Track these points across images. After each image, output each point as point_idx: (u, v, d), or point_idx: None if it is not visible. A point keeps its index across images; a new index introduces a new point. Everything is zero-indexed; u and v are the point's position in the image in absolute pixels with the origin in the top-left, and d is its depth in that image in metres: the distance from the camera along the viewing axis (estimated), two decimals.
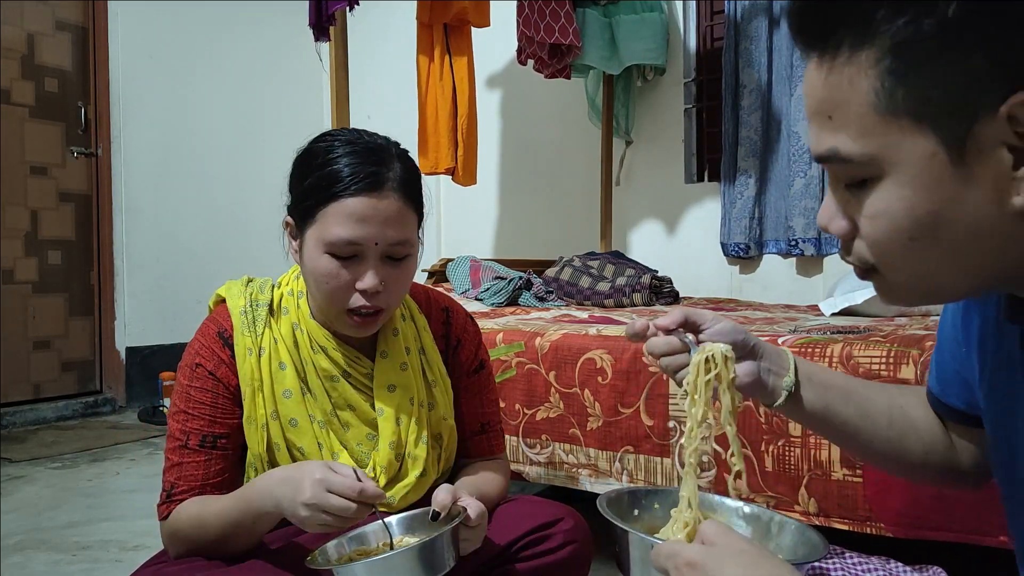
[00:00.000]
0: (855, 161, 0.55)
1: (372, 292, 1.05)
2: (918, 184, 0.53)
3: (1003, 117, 0.50)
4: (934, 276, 0.57)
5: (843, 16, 0.53)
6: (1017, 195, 0.51)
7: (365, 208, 1.03)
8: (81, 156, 3.97)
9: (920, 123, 0.52)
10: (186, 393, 1.10)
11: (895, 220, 0.55)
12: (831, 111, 0.56)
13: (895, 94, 0.52)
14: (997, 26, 0.49)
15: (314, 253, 1.05)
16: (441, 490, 1.00)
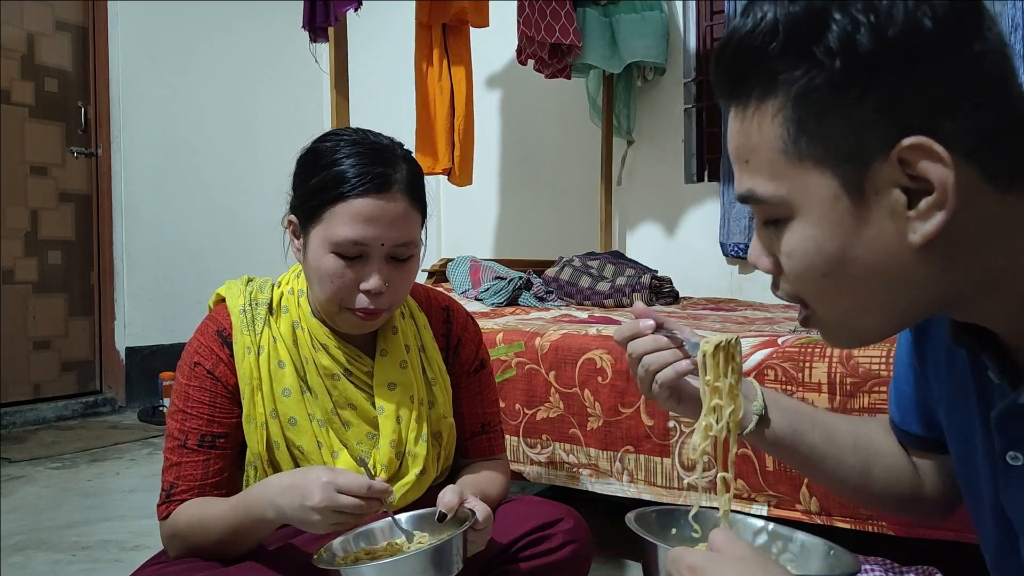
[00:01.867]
0: (769, 202, 0.59)
1: (376, 292, 1.05)
2: (824, 224, 0.57)
3: (894, 160, 0.54)
4: (855, 313, 0.61)
5: (750, 71, 0.57)
6: (914, 233, 0.55)
7: (372, 209, 1.03)
8: (81, 156, 3.97)
9: (822, 167, 0.56)
10: (185, 392, 1.10)
11: (807, 257, 0.59)
12: (747, 156, 0.60)
13: (798, 141, 0.56)
14: (880, 78, 0.52)
15: (319, 252, 1.05)
16: (448, 491, 0.99)
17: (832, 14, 0.53)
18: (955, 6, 0.52)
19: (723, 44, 0.60)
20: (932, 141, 0.52)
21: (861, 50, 0.52)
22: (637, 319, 0.83)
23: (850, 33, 0.52)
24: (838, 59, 0.53)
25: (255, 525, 1.00)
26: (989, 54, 0.53)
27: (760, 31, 0.56)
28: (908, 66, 0.52)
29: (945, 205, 0.53)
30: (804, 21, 0.54)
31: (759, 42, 0.56)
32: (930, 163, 0.53)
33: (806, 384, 1.47)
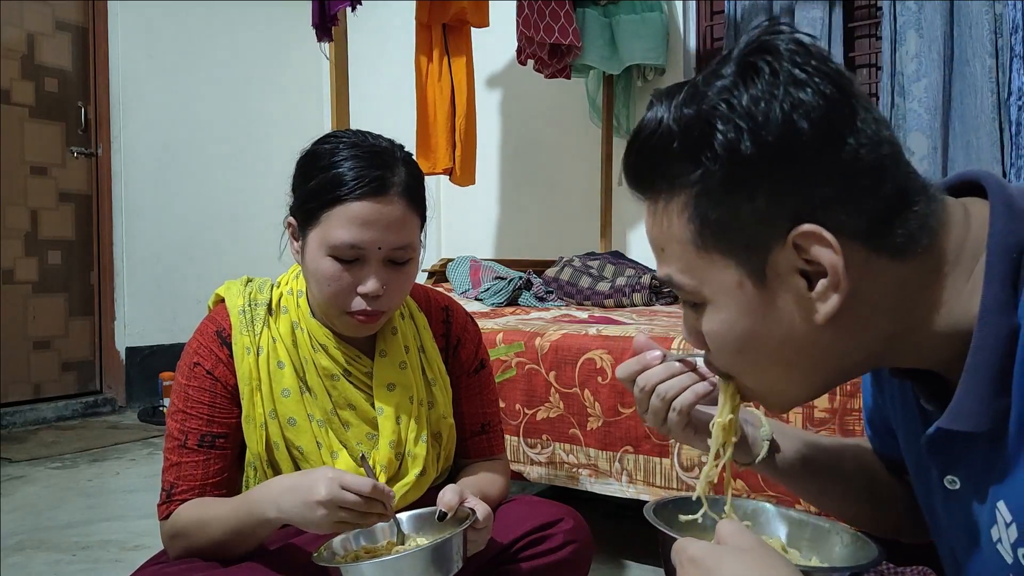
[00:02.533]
0: (685, 289, 0.64)
1: (373, 296, 1.05)
2: (733, 308, 0.61)
3: (790, 247, 0.58)
4: (776, 383, 0.66)
5: (655, 171, 0.62)
6: (817, 312, 0.59)
7: (369, 212, 1.03)
8: (81, 156, 3.97)
9: (727, 257, 0.60)
10: (184, 392, 1.10)
11: (721, 337, 0.63)
12: (662, 246, 0.64)
13: (703, 233, 0.60)
14: (766, 176, 0.57)
15: (316, 255, 1.05)
16: (448, 490, 0.99)
17: (717, 122, 0.57)
18: (828, 108, 0.56)
19: (630, 142, 0.64)
20: (820, 228, 0.56)
21: (745, 153, 0.56)
22: (641, 352, 0.80)
23: (733, 139, 0.57)
24: (726, 162, 0.57)
25: (256, 525, 1.00)
26: (865, 144, 0.57)
27: (659, 133, 0.60)
28: (790, 164, 0.56)
29: (839, 286, 0.57)
30: (694, 128, 0.58)
31: (659, 144, 0.60)
32: (821, 248, 0.57)
33: None
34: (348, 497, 0.92)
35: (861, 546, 0.72)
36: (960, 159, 2.83)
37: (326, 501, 0.91)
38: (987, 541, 0.60)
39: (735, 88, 0.58)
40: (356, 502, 0.92)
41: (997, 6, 2.73)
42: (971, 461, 0.61)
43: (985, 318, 0.57)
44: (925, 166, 2.86)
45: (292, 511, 0.95)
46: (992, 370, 0.57)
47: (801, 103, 0.56)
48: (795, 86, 0.56)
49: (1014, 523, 0.57)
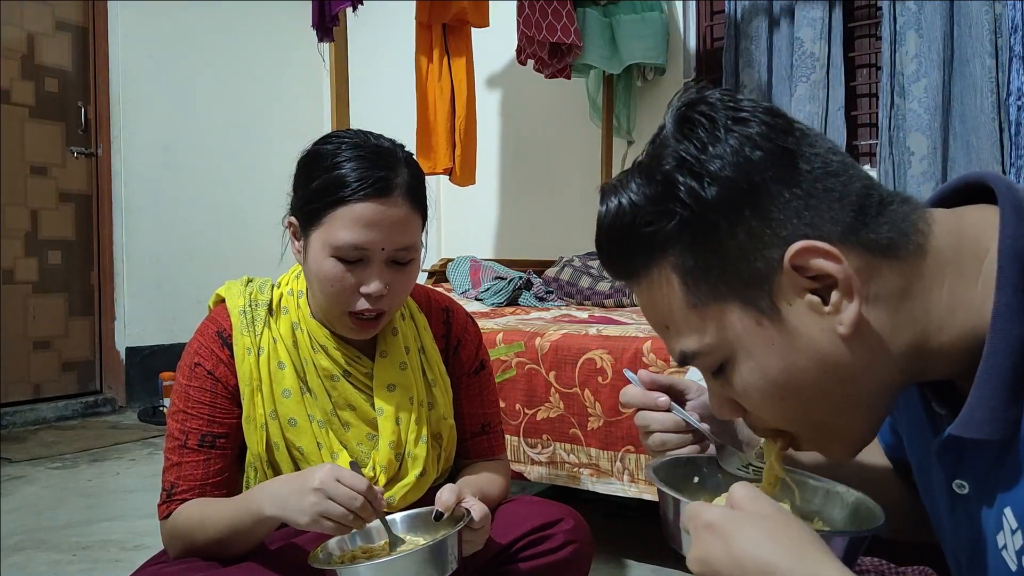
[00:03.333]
0: (702, 353, 0.62)
1: (377, 296, 1.05)
2: (758, 352, 0.60)
3: (789, 270, 0.57)
4: (831, 421, 0.62)
5: (631, 250, 0.62)
6: (840, 325, 0.57)
7: (373, 214, 1.03)
8: (81, 156, 3.97)
9: (730, 303, 0.59)
10: (185, 393, 1.10)
11: (759, 388, 0.61)
12: (665, 322, 0.63)
13: (699, 289, 0.59)
14: (738, 211, 0.57)
15: (319, 256, 1.05)
16: (445, 490, 0.99)
17: (674, 175, 0.58)
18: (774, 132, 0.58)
19: (597, 238, 0.64)
20: (813, 241, 0.56)
21: (709, 196, 0.57)
22: (648, 389, 0.82)
23: (693, 188, 0.57)
24: (695, 213, 0.57)
25: (253, 522, 1.00)
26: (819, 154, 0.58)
27: (621, 214, 0.61)
28: (756, 193, 0.57)
29: (853, 291, 0.57)
30: (653, 194, 0.59)
31: (625, 223, 0.61)
32: (821, 260, 0.56)
33: None
34: (340, 490, 0.92)
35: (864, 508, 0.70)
36: (960, 159, 2.83)
37: (319, 489, 0.92)
38: (993, 547, 0.60)
39: (679, 144, 0.59)
40: (347, 495, 0.92)
41: (997, 6, 2.73)
42: (980, 466, 0.60)
43: (997, 325, 0.56)
44: (925, 166, 2.86)
45: (285, 499, 0.95)
46: (1005, 378, 0.56)
47: (747, 135, 0.57)
48: (736, 123, 0.58)
49: (1020, 530, 0.56)
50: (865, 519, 0.68)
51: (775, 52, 3.35)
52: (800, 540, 0.53)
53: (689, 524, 0.58)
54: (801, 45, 3.23)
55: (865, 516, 0.69)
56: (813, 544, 0.53)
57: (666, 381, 0.84)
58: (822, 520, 0.73)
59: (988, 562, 0.61)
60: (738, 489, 0.58)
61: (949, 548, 0.68)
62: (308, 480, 0.93)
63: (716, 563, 0.54)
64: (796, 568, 0.51)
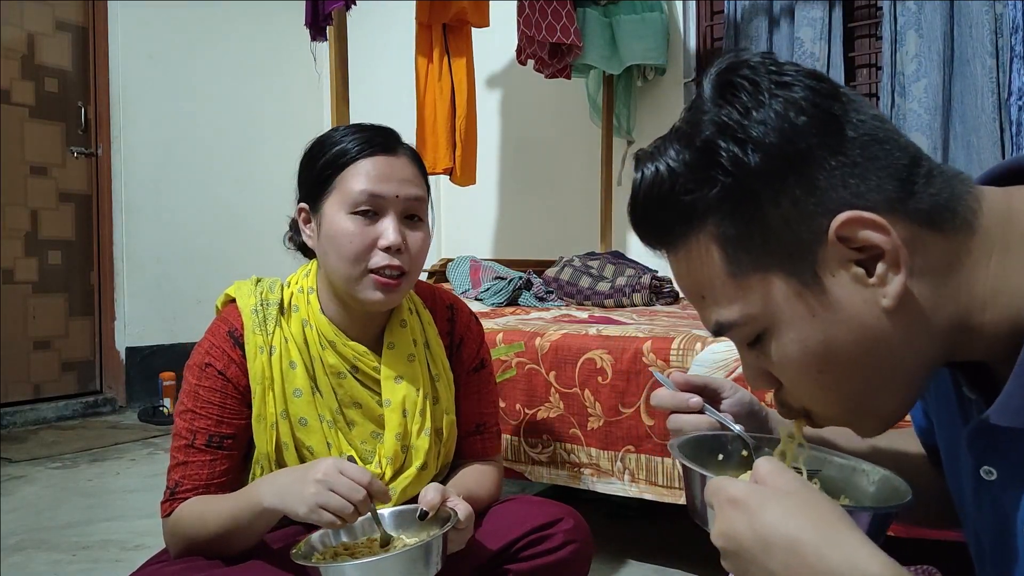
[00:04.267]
0: (739, 324, 0.61)
1: (395, 249, 1.07)
2: (798, 323, 0.58)
3: (834, 240, 0.56)
4: (864, 398, 0.61)
5: (666, 216, 0.60)
6: (884, 297, 0.56)
7: (382, 166, 1.09)
8: (81, 156, 3.97)
9: (772, 273, 0.58)
10: (194, 392, 1.10)
11: (797, 360, 0.60)
12: (701, 292, 0.62)
13: (739, 258, 0.58)
14: (782, 178, 0.56)
15: (336, 219, 1.08)
16: (430, 489, 0.99)
17: (717, 141, 0.56)
18: (819, 97, 0.56)
19: (632, 205, 0.63)
20: (860, 211, 0.55)
21: (752, 163, 0.55)
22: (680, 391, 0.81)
23: (737, 155, 0.56)
24: (738, 180, 0.56)
25: (253, 515, 1.00)
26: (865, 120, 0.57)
27: (659, 181, 0.59)
28: (801, 160, 0.55)
29: (900, 263, 0.55)
30: (695, 161, 0.57)
31: (664, 189, 0.59)
32: (868, 231, 0.55)
33: None
34: (343, 481, 0.92)
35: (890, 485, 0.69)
36: (961, 159, 2.83)
37: (321, 480, 0.92)
38: (1017, 533, 0.59)
39: (720, 109, 0.57)
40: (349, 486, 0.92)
41: (997, 6, 2.73)
42: (1011, 454, 0.59)
43: None
44: None
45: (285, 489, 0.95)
46: None
47: (792, 100, 0.56)
48: (780, 87, 0.56)
49: None
50: (892, 496, 0.67)
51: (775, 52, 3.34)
52: (826, 515, 0.52)
53: (713, 499, 0.57)
54: (801, 45, 3.23)
55: (892, 493, 0.68)
56: (839, 519, 0.52)
57: (699, 382, 0.83)
58: (848, 496, 0.72)
59: (1011, 548, 0.60)
60: (763, 464, 0.57)
61: (972, 533, 0.68)
62: (311, 471, 0.94)
63: (740, 538, 0.53)
64: (821, 543, 0.50)
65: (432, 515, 0.98)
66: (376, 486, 0.94)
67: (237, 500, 1.02)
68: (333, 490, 0.92)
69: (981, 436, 0.60)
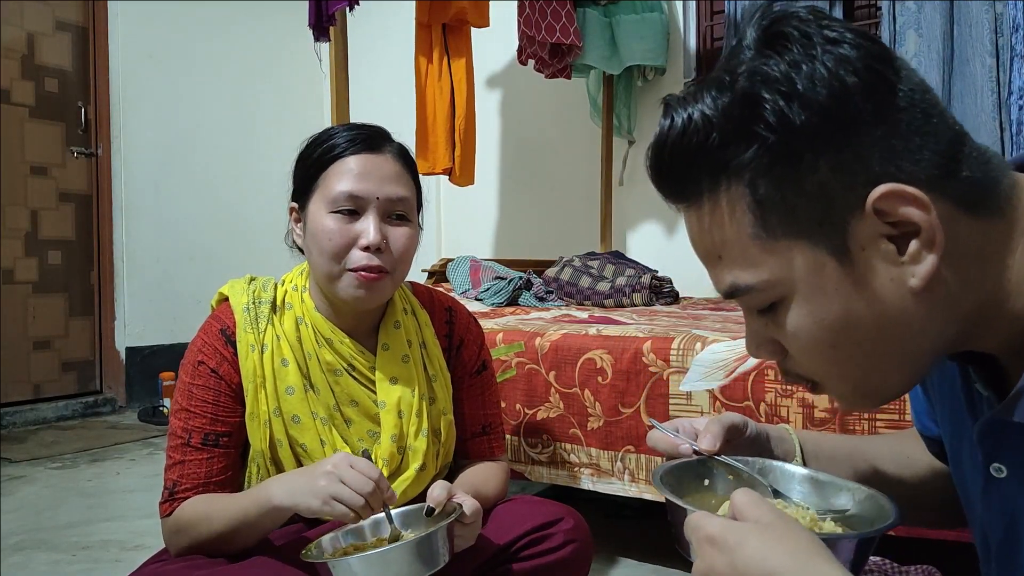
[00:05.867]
0: (756, 290, 0.58)
1: (375, 248, 1.07)
2: (819, 295, 0.56)
3: (870, 213, 0.53)
4: (870, 376, 0.59)
5: (695, 170, 0.57)
6: (913, 277, 0.54)
7: (364, 164, 1.09)
8: (81, 156, 3.97)
9: (799, 240, 0.55)
10: (188, 391, 1.10)
11: (811, 333, 0.57)
12: (718, 252, 0.59)
13: (767, 221, 0.55)
14: (825, 141, 0.53)
15: (318, 217, 1.08)
16: (436, 486, 1.00)
17: (761, 94, 0.53)
18: (870, 57, 0.53)
19: (656, 154, 0.60)
20: (902, 185, 0.52)
21: (798, 122, 0.52)
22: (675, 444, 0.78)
23: (782, 110, 0.53)
24: (778, 137, 0.53)
25: (261, 513, 1.00)
26: (915, 88, 0.54)
27: (692, 130, 0.56)
28: (847, 123, 0.53)
29: (935, 242, 0.53)
30: (734, 111, 0.54)
31: (696, 140, 0.56)
32: (907, 206, 0.52)
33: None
34: (352, 474, 0.93)
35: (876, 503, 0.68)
36: None
37: (331, 472, 0.93)
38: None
39: (768, 59, 0.54)
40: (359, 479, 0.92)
41: (997, 5, 2.73)
42: (1022, 451, 0.59)
43: None
44: None
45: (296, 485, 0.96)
46: None
47: (843, 58, 0.52)
48: (831, 43, 0.53)
49: None
50: (877, 514, 0.67)
51: None
52: (803, 546, 0.52)
53: (691, 537, 0.56)
54: None
55: (877, 512, 0.67)
56: (816, 550, 0.52)
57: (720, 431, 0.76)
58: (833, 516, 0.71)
59: (1019, 545, 0.60)
60: (739, 496, 0.56)
61: (978, 530, 0.67)
62: (320, 465, 0.96)
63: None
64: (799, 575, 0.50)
65: (439, 511, 0.98)
66: (385, 482, 0.95)
67: (245, 498, 1.02)
68: (343, 482, 0.93)
69: (991, 433, 0.60)
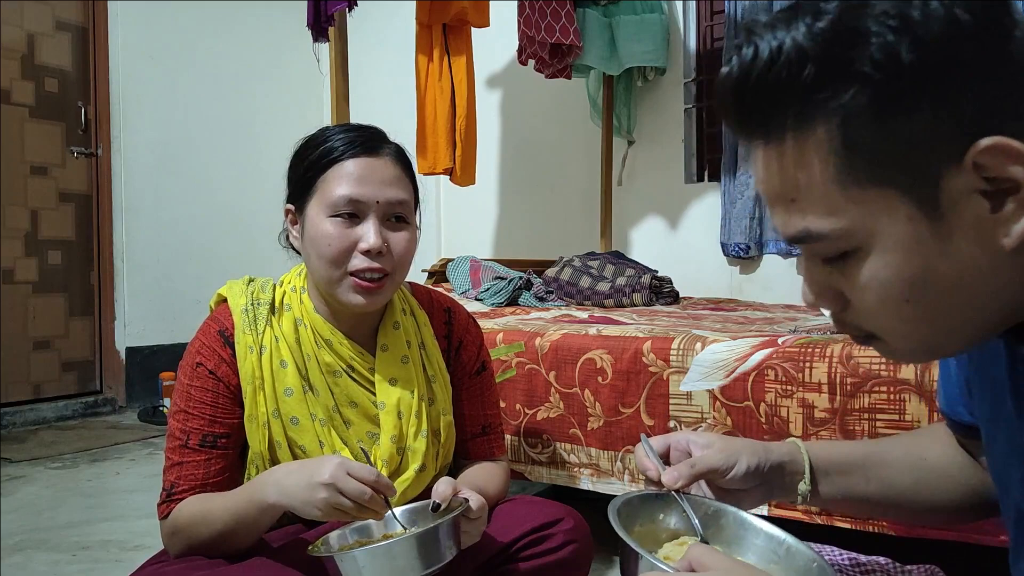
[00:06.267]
0: (830, 238, 0.54)
1: (375, 252, 1.06)
2: (900, 248, 0.53)
3: (969, 167, 0.50)
4: (937, 333, 0.56)
5: (781, 105, 0.53)
6: (1006, 236, 0.51)
7: (363, 168, 1.08)
8: (81, 156, 3.97)
9: (887, 189, 0.52)
10: (187, 392, 1.10)
11: (886, 286, 0.54)
12: (792, 195, 0.55)
13: (854, 166, 0.52)
14: (932, 85, 0.49)
15: (317, 221, 1.08)
16: (442, 482, 1.00)
17: (867, 27, 0.49)
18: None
19: (736, 86, 0.54)
20: (1008, 140, 0.49)
21: (905, 60, 0.48)
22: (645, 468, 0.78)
23: (891, 43, 0.48)
24: (883, 74, 0.49)
25: (258, 512, 1.00)
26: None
27: (784, 61, 0.51)
28: (956, 68, 0.49)
29: None
30: (837, 41, 0.50)
31: (786, 74, 0.51)
32: (1010, 163, 0.49)
33: (806, 384, 1.47)
34: (351, 483, 0.92)
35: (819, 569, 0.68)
36: None
37: (329, 483, 0.92)
38: None
39: None
40: (358, 488, 0.92)
41: None
42: None
43: None
44: None
45: (293, 491, 0.95)
46: None
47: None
48: None
49: None
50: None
51: None
52: None
53: None
54: None
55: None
56: None
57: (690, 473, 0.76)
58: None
59: None
60: (696, 550, 0.57)
61: (1013, 514, 0.66)
62: (317, 474, 0.93)
63: None
64: None
65: (444, 507, 0.98)
66: (383, 481, 0.94)
67: (240, 498, 1.02)
68: (342, 492, 0.92)
69: None
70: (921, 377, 1.36)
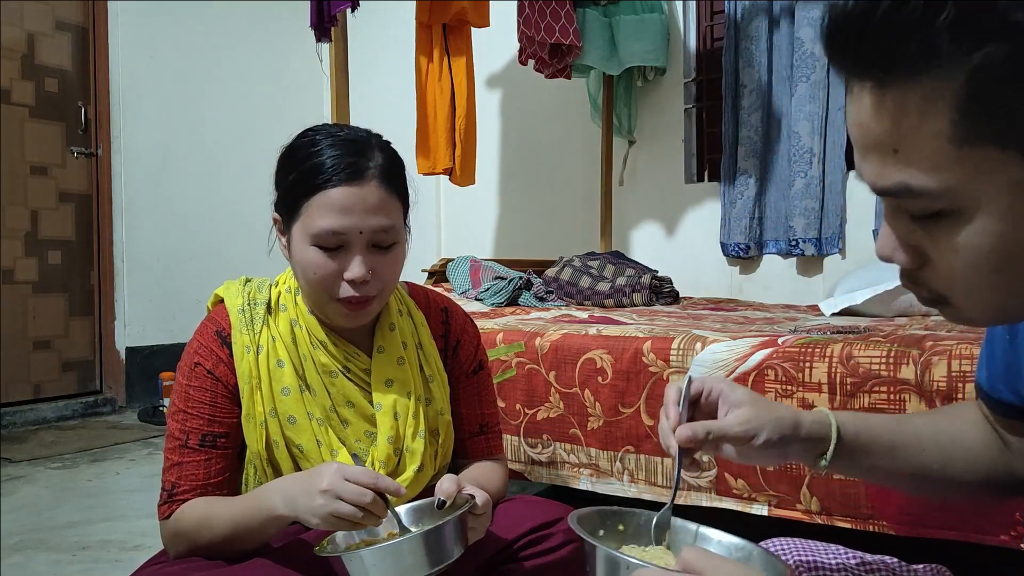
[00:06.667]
0: (931, 195, 0.51)
1: (360, 281, 1.06)
2: (1007, 218, 0.50)
3: None
4: (1017, 304, 0.54)
5: (904, 47, 0.48)
6: None
7: (346, 198, 1.04)
8: (81, 156, 3.97)
9: (1006, 150, 0.48)
10: (185, 392, 1.10)
11: (979, 255, 0.51)
12: (896, 144, 0.51)
13: (975, 122, 0.48)
14: None
15: (301, 246, 1.07)
16: (445, 479, 0.99)
17: None
18: None
19: (862, 14, 0.49)
20: None
21: None
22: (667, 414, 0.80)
23: None
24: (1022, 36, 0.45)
25: (263, 520, 1.00)
26: None
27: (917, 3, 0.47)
28: None
29: None
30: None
31: (920, 14, 0.47)
32: None
33: (806, 384, 1.47)
34: (349, 488, 0.92)
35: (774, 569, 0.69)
36: None
37: (327, 490, 0.92)
38: None
39: None
40: (356, 491, 0.92)
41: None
42: None
43: None
44: None
45: (297, 499, 0.95)
46: None
47: None
48: None
49: None
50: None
51: (775, 52, 3.35)
52: None
53: None
54: (801, 45, 3.23)
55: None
56: None
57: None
58: None
59: None
60: (689, 553, 0.56)
61: None
62: (316, 481, 0.93)
63: None
64: None
65: (449, 504, 0.98)
66: (385, 483, 0.94)
67: (246, 506, 1.02)
68: (341, 498, 0.92)
69: None
70: (921, 377, 1.36)
